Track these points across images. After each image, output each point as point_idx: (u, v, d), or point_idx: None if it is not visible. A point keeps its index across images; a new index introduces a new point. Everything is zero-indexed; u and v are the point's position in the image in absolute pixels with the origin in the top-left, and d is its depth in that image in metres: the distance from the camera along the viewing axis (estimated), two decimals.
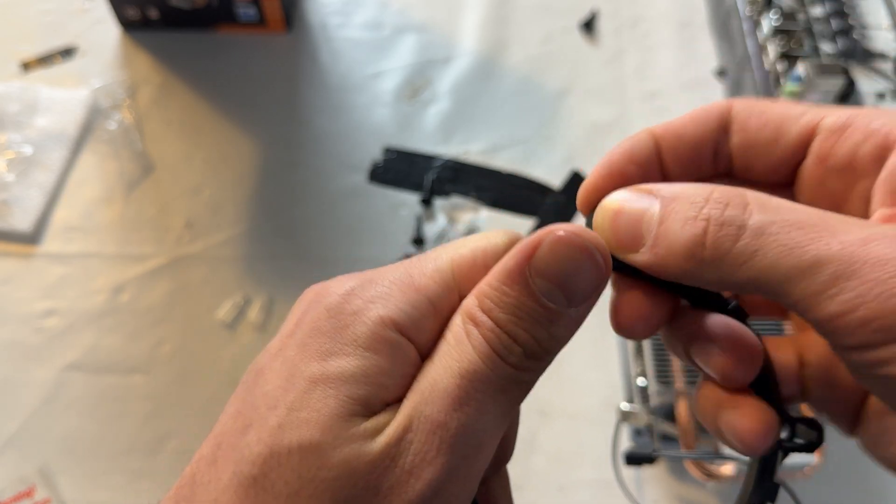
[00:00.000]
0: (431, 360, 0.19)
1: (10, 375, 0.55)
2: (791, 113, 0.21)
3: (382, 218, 0.62)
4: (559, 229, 0.19)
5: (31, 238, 0.60)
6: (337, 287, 0.20)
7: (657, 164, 0.22)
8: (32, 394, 0.54)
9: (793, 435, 0.22)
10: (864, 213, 0.20)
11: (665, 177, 0.22)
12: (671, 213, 0.19)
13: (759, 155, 0.22)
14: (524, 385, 0.20)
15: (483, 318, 0.19)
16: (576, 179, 0.64)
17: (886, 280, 0.16)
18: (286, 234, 0.62)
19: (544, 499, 0.50)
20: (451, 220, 0.62)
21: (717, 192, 0.18)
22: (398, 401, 0.19)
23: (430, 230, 0.62)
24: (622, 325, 0.21)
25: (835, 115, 0.20)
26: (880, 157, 0.19)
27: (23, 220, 0.61)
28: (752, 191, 0.18)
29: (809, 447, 0.21)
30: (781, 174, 0.22)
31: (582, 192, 0.23)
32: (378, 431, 0.18)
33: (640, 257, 0.19)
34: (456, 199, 0.63)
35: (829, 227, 0.17)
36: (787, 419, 0.21)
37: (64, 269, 0.59)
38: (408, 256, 0.23)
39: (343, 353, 0.19)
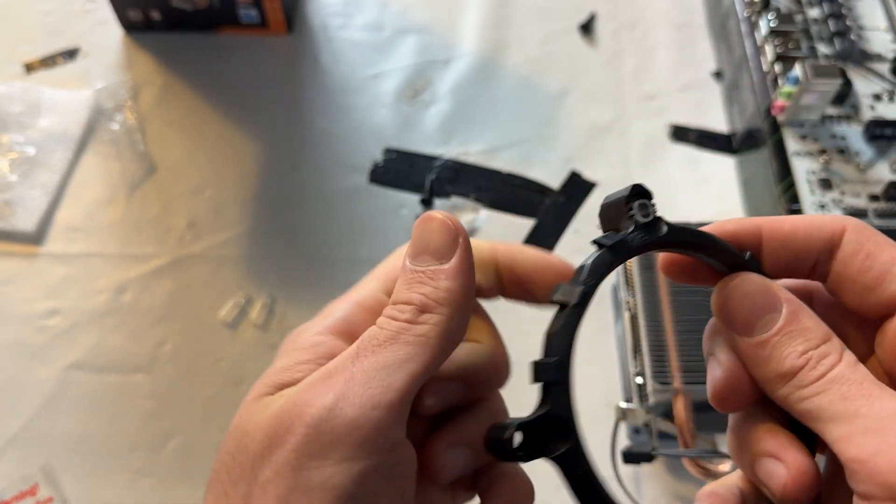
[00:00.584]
0: None
1: (13, 374, 0.55)
2: (894, 271, 0.22)
3: (383, 218, 0.63)
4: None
5: (34, 238, 0.61)
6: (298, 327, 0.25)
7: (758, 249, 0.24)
8: (35, 393, 0.54)
9: None
10: None
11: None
12: (790, 334, 0.22)
13: (852, 293, 0.23)
14: (425, 335, 0.22)
15: (388, 309, 0.23)
16: (575, 179, 0.65)
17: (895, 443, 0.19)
18: (287, 234, 0.62)
19: (543, 497, 0.51)
20: None
21: (827, 344, 0.21)
22: None
23: None
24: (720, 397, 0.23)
25: None
26: None
27: (26, 221, 0.61)
28: (848, 351, 0.21)
29: None
30: (866, 314, 0.23)
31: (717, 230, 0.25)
32: (277, 395, 0.22)
33: (743, 342, 0.22)
34: (456, 200, 0.64)
35: (882, 392, 0.20)
36: None
37: (67, 269, 0.60)
38: None
39: (275, 363, 0.23)
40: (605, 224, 0.23)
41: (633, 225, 0.23)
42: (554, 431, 0.20)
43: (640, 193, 0.23)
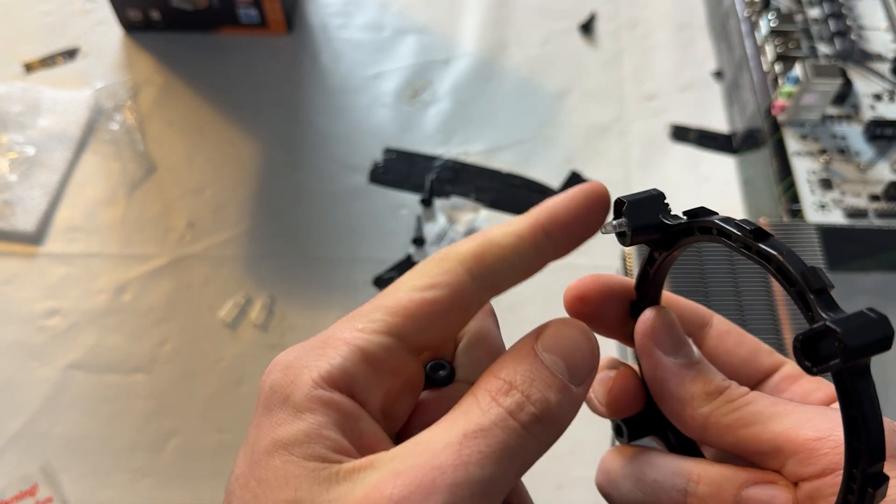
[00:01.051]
0: (430, 429, 0.19)
1: (13, 375, 0.55)
2: (762, 348, 0.25)
3: (383, 218, 0.63)
4: (559, 319, 0.22)
5: (34, 238, 0.61)
6: (281, 361, 0.20)
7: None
8: (35, 393, 0.54)
9: None
10: None
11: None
12: (707, 364, 0.24)
13: (730, 364, 0.25)
14: (531, 451, 0.19)
15: (498, 382, 0.19)
16: (575, 180, 0.65)
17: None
18: (287, 234, 0.62)
19: (542, 497, 0.51)
20: (451, 221, 0.63)
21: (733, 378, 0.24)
22: (363, 454, 0.19)
23: (431, 230, 0.62)
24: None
25: (791, 366, 0.25)
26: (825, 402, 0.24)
27: (25, 221, 0.61)
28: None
29: None
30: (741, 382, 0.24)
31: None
32: (353, 478, 0.18)
33: (669, 361, 0.24)
34: (456, 200, 0.64)
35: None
36: None
37: (66, 268, 0.60)
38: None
39: (287, 422, 0.19)
40: (634, 218, 0.23)
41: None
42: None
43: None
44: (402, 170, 0.66)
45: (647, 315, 0.24)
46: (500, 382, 0.19)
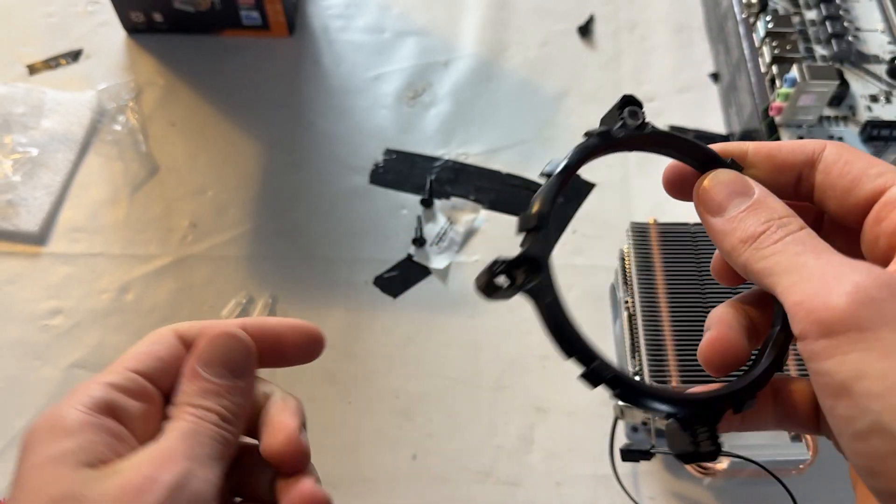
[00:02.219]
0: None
1: (16, 374, 0.56)
2: (870, 172, 0.24)
3: (383, 219, 0.63)
4: (212, 329, 0.27)
5: (38, 238, 0.61)
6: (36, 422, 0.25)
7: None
8: (38, 392, 0.55)
9: None
10: None
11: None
12: (755, 209, 0.25)
13: (834, 199, 0.25)
14: (231, 441, 0.26)
15: (175, 409, 0.26)
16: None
17: (834, 287, 0.21)
18: (289, 234, 0.63)
19: (542, 495, 0.51)
20: (451, 221, 0.63)
21: (787, 218, 0.24)
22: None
23: (431, 231, 0.62)
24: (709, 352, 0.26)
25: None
26: None
27: (29, 221, 0.62)
28: (808, 228, 0.24)
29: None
30: (850, 220, 0.25)
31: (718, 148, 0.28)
32: (110, 472, 0.23)
33: (714, 221, 0.25)
34: (456, 200, 0.64)
35: (831, 252, 0.22)
36: None
37: (70, 268, 0.60)
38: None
39: (59, 441, 0.23)
40: (600, 126, 0.28)
41: (622, 122, 0.27)
42: (529, 269, 0.23)
43: (630, 101, 0.28)
44: (402, 171, 0.66)
45: (696, 185, 0.27)
46: (178, 408, 0.26)
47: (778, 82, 0.60)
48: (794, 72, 0.57)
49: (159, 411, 0.26)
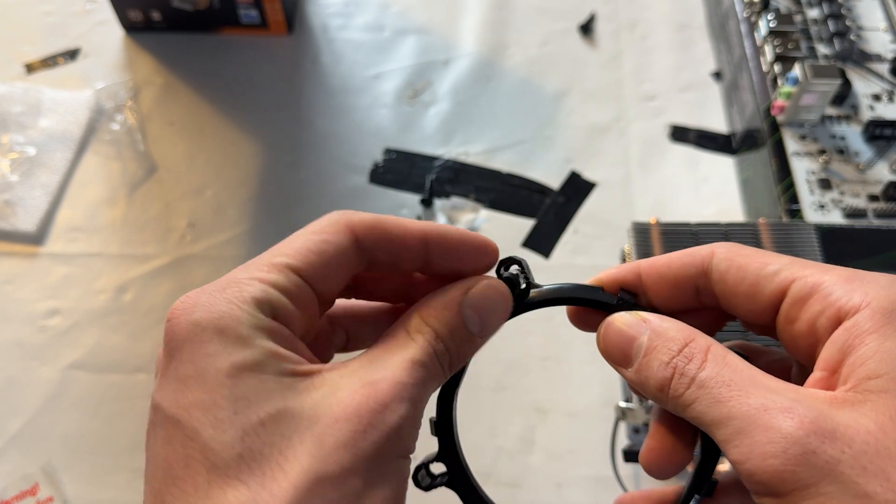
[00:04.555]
0: (374, 352, 0.23)
1: (14, 374, 0.55)
2: (766, 271, 0.24)
3: None
4: (489, 278, 0.26)
5: (35, 238, 0.61)
6: (190, 302, 0.23)
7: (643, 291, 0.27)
8: (36, 393, 0.54)
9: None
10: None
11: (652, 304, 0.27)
12: (654, 350, 0.24)
13: (738, 305, 0.25)
14: (438, 384, 0.24)
15: (427, 329, 0.24)
16: (574, 180, 0.65)
17: (765, 444, 0.20)
18: (288, 234, 0.62)
19: (543, 496, 0.51)
20: (451, 221, 0.63)
21: (688, 347, 0.23)
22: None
23: None
24: (651, 466, 0.26)
25: (802, 283, 0.23)
26: (834, 328, 0.22)
27: (26, 221, 0.61)
28: (715, 345, 0.23)
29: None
30: (763, 321, 0.25)
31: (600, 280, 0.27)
32: (325, 386, 0.22)
33: (627, 373, 0.25)
34: (456, 200, 0.64)
35: (749, 388, 0.21)
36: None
37: (67, 268, 0.60)
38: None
39: (238, 349, 0.21)
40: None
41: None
42: (446, 464, 0.26)
43: (507, 262, 0.27)
44: (402, 170, 0.66)
45: (596, 339, 0.26)
46: (429, 330, 0.24)
47: (780, 81, 0.60)
48: (797, 70, 0.56)
49: (314, 316, 0.24)
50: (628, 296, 0.26)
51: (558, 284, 0.27)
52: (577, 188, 0.64)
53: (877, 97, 0.60)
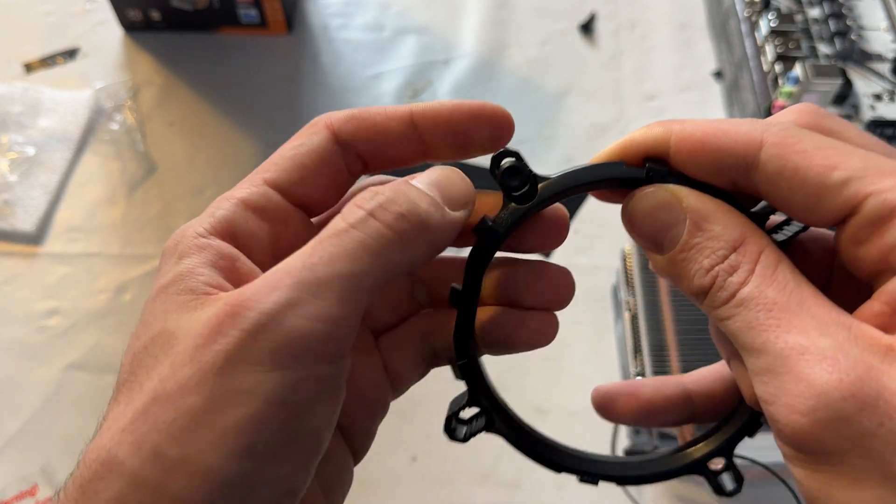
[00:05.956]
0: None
1: (13, 375, 0.55)
2: (831, 180, 0.18)
3: None
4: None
5: (34, 238, 0.61)
6: (177, 230, 0.22)
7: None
8: (35, 393, 0.54)
9: None
10: None
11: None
12: (693, 248, 0.20)
13: (792, 211, 0.20)
14: (395, 250, 0.20)
15: (362, 194, 0.21)
16: None
17: (794, 396, 0.17)
18: None
19: (542, 497, 0.51)
20: None
21: (736, 253, 0.20)
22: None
23: None
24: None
25: (879, 200, 0.18)
26: None
27: (25, 221, 0.61)
28: (768, 249, 0.20)
29: None
30: (820, 225, 0.20)
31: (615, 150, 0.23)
32: (216, 300, 0.20)
33: (656, 259, 0.21)
34: None
35: (793, 318, 0.18)
36: None
37: (66, 268, 0.60)
38: None
39: (169, 270, 0.21)
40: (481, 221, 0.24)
41: (508, 201, 0.23)
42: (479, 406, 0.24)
43: (499, 157, 0.23)
44: (401, 170, 0.65)
45: (621, 213, 0.23)
46: (368, 192, 0.20)
47: (781, 81, 0.59)
48: (798, 70, 0.56)
49: (300, 231, 0.22)
50: (657, 166, 0.21)
51: (569, 169, 0.22)
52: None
53: (878, 97, 0.60)
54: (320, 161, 0.22)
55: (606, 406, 0.26)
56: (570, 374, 0.54)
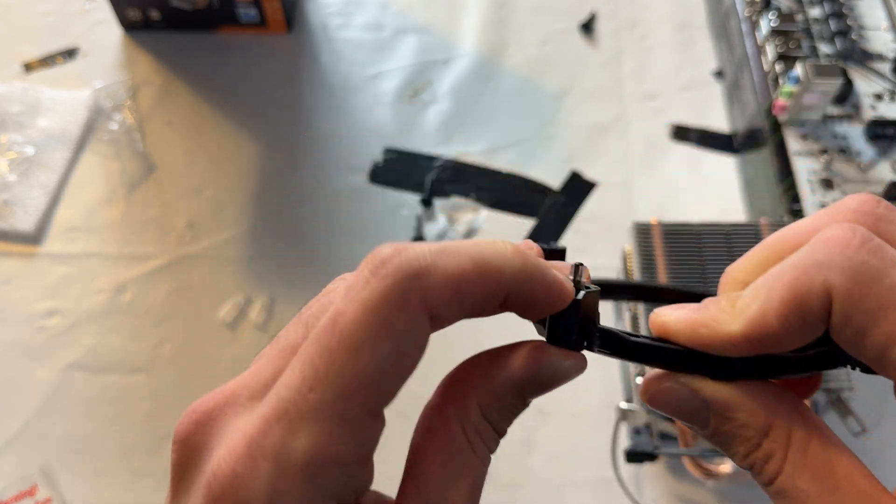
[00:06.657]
0: (428, 470, 0.21)
1: (12, 375, 0.55)
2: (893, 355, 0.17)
3: (383, 218, 0.63)
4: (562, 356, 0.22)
5: (33, 238, 0.61)
6: (198, 413, 0.20)
7: None
8: (34, 393, 0.54)
9: None
10: None
11: None
12: (724, 436, 0.21)
13: (849, 352, 0.19)
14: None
15: (486, 426, 0.21)
16: (575, 180, 0.65)
17: None
18: (287, 234, 0.62)
19: (543, 498, 0.51)
20: (451, 221, 0.63)
21: (767, 440, 0.20)
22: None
23: (431, 230, 0.62)
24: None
25: None
26: None
27: (24, 221, 0.61)
28: (795, 430, 0.19)
29: None
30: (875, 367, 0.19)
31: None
32: None
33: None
34: (456, 200, 0.64)
35: None
36: None
37: (66, 268, 0.59)
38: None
39: None
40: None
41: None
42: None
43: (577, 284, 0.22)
44: (402, 170, 0.65)
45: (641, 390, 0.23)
46: (488, 425, 0.22)
47: (781, 80, 0.59)
48: (798, 70, 0.56)
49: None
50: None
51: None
52: (578, 188, 0.64)
53: (878, 97, 0.60)
54: (414, 364, 0.19)
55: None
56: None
